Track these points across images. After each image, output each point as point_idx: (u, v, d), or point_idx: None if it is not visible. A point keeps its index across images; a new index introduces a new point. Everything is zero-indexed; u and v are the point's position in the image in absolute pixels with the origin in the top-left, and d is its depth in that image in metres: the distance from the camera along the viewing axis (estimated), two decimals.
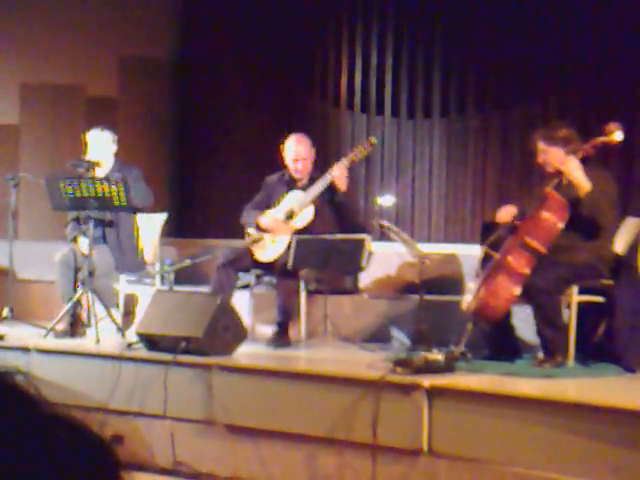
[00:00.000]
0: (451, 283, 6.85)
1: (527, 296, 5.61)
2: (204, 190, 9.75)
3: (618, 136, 5.71)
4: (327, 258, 6.31)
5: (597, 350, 5.76)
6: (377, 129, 8.90)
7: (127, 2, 9.60)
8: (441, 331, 6.22)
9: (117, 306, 6.95)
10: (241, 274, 6.75)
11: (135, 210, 6.97)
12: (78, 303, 6.74)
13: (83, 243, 6.84)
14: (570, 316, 5.69)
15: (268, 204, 6.87)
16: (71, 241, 7.03)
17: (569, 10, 7.97)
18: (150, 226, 7.30)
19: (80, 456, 0.96)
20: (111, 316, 6.63)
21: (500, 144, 8.47)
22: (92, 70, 9.50)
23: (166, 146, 9.89)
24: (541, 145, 5.84)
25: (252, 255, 6.68)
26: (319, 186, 6.65)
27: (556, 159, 5.75)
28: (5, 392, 0.96)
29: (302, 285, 6.64)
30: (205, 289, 6.85)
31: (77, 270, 6.80)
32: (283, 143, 6.91)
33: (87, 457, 0.96)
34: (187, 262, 6.66)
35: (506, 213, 5.90)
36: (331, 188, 6.65)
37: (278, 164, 7.01)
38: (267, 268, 6.70)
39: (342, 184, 6.61)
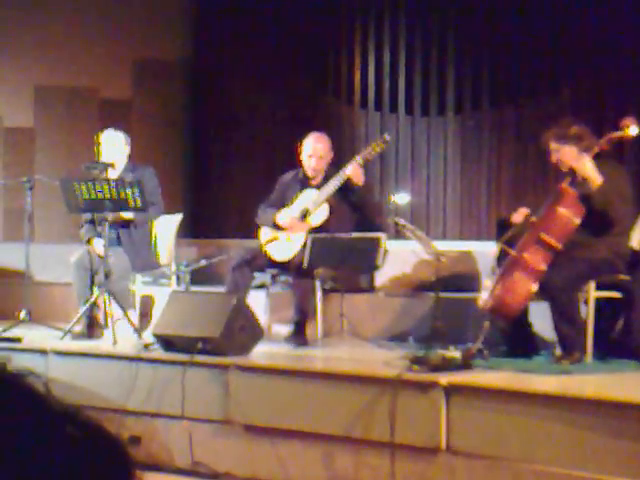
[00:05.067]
0: (467, 280, 6.84)
1: (544, 292, 5.58)
2: (219, 190, 9.76)
3: (633, 130, 5.68)
4: (343, 257, 6.30)
5: (615, 346, 5.74)
6: (391, 127, 8.89)
7: (141, 5, 9.61)
8: (458, 329, 6.21)
9: (134, 307, 6.97)
10: (257, 274, 6.75)
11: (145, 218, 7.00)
12: (95, 305, 6.75)
13: (98, 244, 6.85)
14: (588, 312, 5.66)
15: (283, 203, 6.86)
16: (86, 243, 7.05)
17: (583, 5, 7.94)
18: (166, 227, 7.31)
19: (95, 456, 0.96)
20: (128, 317, 6.64)
21: (515, 140, 8.45)
22: (106, 72, 9.53)
23: (180, 147, 9.90)
24: (553, 144, 5.82)
25: (267, 255, 6.68)
26: (333, 184, 6.64)
27: (569, 157, 5.72)
28: (20, 393, 0.96)
29: (318, 284, 6.64)
30: (221, 289, 6.85)
31: (93, 272, 6.82)
32: (299, 142, 6.90)
33: (102, 457, 0.96)
34: (203, 262, 6.67)
35: (520, 214, 5.88)
36: (346, 186, 6.63)
37: (293, 163, 7.01)
38: (283, 267, 6.70)
39: (359, 178, 6.59)
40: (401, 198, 8.86)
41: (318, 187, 6.76)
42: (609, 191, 5.57)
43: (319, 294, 6.66)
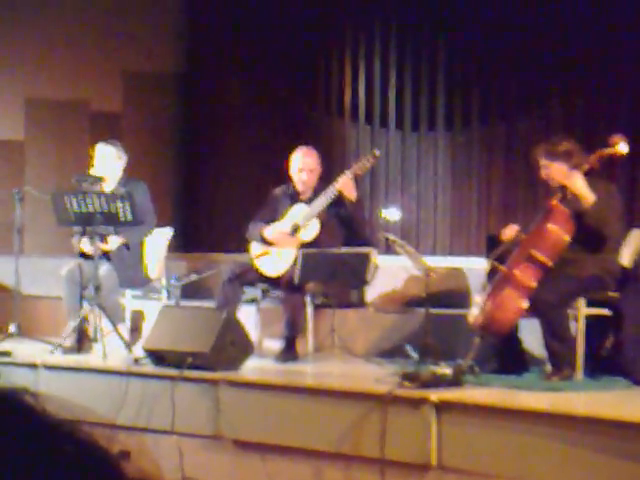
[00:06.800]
0: (457, 297, 6.85)
1: (534, 309, 5.59)
2: (209, 204, 9.76)
3: (623, 148, 5.71)
4: (333, 272, 6.31)
5: (605, 363, 5.75)
6: (381, 141, 8.91)
7: (131, 17, 9.62)
8: (448, 345, 6.21)
9: (124, 322, 6.95)
10: (247, 288, 6.75)
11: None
12: (84, 319, 6.73)
13: (85, 245, 6.80)
14: (578, 329, 5.68)
15: (273, 218, 6.86)
16: (77, 256, 7.01)
17: (572, 22, 7.98)
18: (156, 241, 7.30)
19: (86, 470, 0.96)
20: (118, 332, 6.62)
21: (505, 156, 8.47)
22: (96, 85, 9.53)
23: (171, 160, 9.90)
24: (543, 161, 5.83)
25: (258, 269, 6.68)
26: (324, 199, 6.65)
27: (559, 174, 5.74)
28: (12, 408, 0.97)
29: (309, 299, 6.64)
30: (211, 304, 6.85)
31: (83, 285, 6.79)
32: (290, 156, 6.90)
33: (93, 471, 0.97)
34: (193, 277, 6.66)
35: (510, 231, 5.89)
36: (337, 201, 6.64)
37: (284, 177, 7.01)
38: (273, 282, 6.69)
39: (351, 194, 6.60)
40: (391, 213, 8.88)
41: (308, 202, 6.77)
42: (603, 208, 5.59)
43: (310, 309, 6.66)
